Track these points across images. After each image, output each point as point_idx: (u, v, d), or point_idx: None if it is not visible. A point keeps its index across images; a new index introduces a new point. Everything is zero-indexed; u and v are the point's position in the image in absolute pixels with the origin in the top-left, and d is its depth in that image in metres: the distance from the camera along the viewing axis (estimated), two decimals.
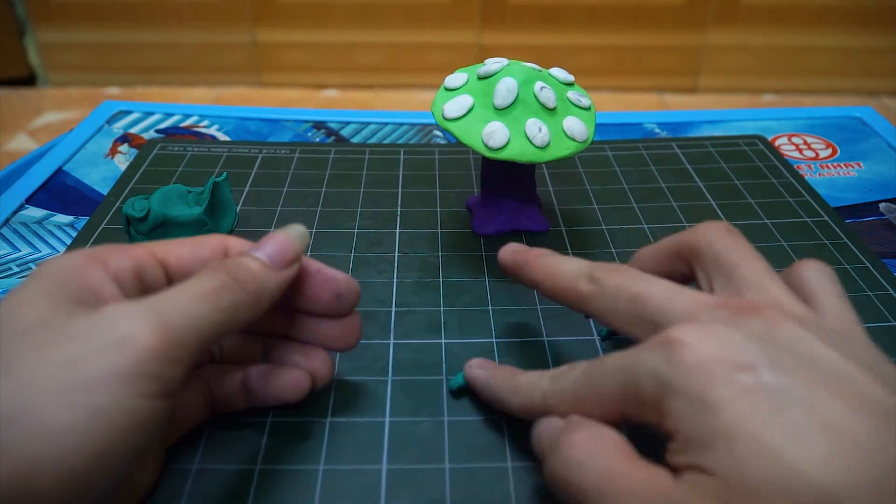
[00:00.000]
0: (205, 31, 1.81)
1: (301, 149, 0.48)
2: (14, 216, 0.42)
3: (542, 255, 0.27)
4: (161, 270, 0.23)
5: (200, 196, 0.36)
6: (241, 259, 0.23)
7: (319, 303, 0.26)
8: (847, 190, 0.45)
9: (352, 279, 0.26)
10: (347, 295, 0.26)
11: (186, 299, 0.21)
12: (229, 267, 0.22)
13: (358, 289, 0.26)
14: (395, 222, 0.40)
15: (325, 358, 0.27)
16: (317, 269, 0.26)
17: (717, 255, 0.23)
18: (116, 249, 0.23)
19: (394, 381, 0.29)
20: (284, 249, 0.24)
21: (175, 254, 0.24)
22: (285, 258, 0.24)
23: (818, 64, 1.82)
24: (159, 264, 0.23)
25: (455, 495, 0.24)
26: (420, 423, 0.27)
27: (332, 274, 0.26)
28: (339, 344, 0.27)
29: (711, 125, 0.53)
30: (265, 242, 0.24)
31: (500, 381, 0.26)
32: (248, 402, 0.26)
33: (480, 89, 0.33)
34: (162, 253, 0.24)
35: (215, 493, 0.24)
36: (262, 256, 0.24)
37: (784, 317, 0.20)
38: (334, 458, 0.26)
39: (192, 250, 0.24)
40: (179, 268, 0.24)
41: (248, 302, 0.22)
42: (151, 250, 0.23)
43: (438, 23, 1.78)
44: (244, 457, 0.26)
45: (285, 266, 0.24)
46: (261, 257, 0.24)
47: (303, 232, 0.25)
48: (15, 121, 1.70)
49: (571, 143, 0.33)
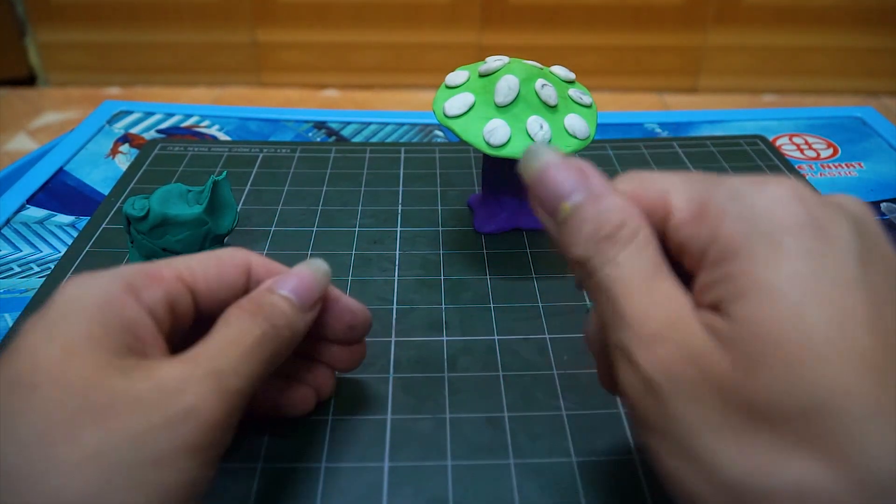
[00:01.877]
0: (205, 31, 1.81)
1: (302, 148, 0.48)
2: (15, 216, 0.42)
3: None
4: (190, 298, 0.22)
5: (200, 195, 0.36)
6: (274, 300, 0.22)
7: (334, 331, 0.26)
8: (848, 190, 0.45)
9: (366, 310, 0.26)
10: (362, 326, 0.26)
11: (237, 357, 0.20)
12: (267, 312, 0.22)
13: (370, 320, 0.27)
14: (395, 221, 0.40)
15: (329, 375, 0.27)
16: (335, 298, 0.26)
17: None
18: (146, 276, 0.21)
19: (395, 379, 0.29)
20: (311, 290, 0.24)
21: (203, 278, 0.23)
22: (312, 298, 0.24)
23: (818, 64, 1.82)
24: (189, 291, 0.22)
25: (457, 492, 0.24)
26: (422, 420, 0.27)
27: (350, 304, 0.26)
28: (342, 366, 0.27)
29: (712, 125, 0.53)
30: (291, 278, 0.23)
31: None
32: (253, 413, 0.26)
33: (481, 87, 0.33)
34: (190, 278, 0.22)
35: (217, 492, 0.24)
36: (292, 297, 0.23)
37: (872, 215, 0.18)
38: (336, 456, 0.26)
39: (218, 273, 0.23)
40: (208, 293, 0.23)
41: (284, 347, 0.22)
42: (179, 274, 0.22)
43: (438, 23, 1.78)
44: (245, 455, 0.26)
45: (312, 307, 0.24)
46: (291, 297, 0.23)
47: (326, 269, 0.25)
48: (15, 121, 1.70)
49: (573, 140, 0.33)
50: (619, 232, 0.19)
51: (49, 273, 0.36)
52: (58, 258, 0.38)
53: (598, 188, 0.19)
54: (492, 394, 0.28)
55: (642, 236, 0.19)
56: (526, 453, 0.26)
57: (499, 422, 0.27)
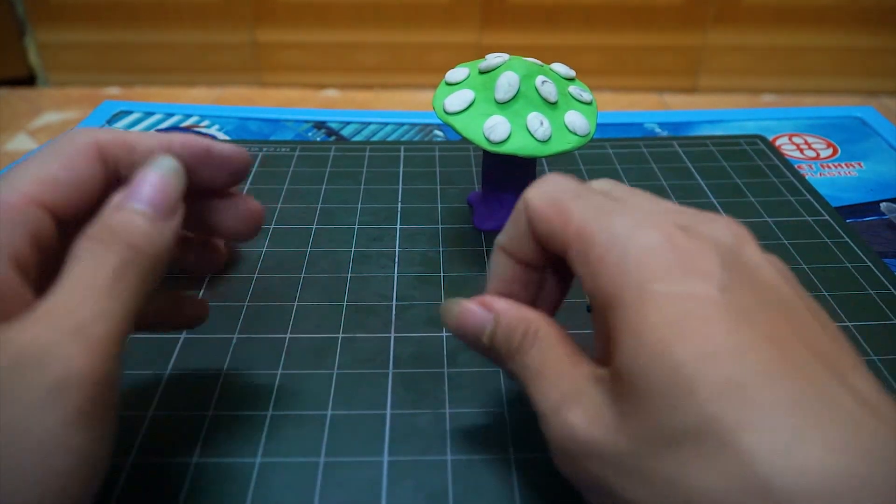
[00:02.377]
0: (205, 31, 1.81)
1: (301, 147, 0.48)
2: None
3: None
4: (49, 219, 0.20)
5: None
6: (126, 217, 0.20)
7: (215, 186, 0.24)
8: (848, 189, 0.45)
9: (243, 150, 0.24)
10: (244, 168, 0.24)
11: (98, 299, 0.18)
12: (121, 235, 0.19)
13: (249, 158, 0.24)
14: (395, 218, 0.40)
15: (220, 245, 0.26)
16: (205, 152, 0.23)
17: None
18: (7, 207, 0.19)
19: (395, 374, 0.29)
20: (167, 193, 0.21)
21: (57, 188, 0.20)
22: (171, 203, 0.21)
23: (818, 64, 1.82)
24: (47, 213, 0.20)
25: (457, 487, 0.24)
26: (421, 415, 0.27)
27: (224, 152, 0.23)
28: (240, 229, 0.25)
29: (712, 125, 0.53)
30: (140, 186, 0.20)
31: None
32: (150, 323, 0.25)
33: (482, 84, 0.34)
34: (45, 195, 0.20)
35: (215, 486, 0.24)
36: (146, 209, 0.20)
37: (751, 238, 0.20)
38: (335, 451, 0.26)
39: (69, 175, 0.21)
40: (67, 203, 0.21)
41: (153, 267, 0.20)
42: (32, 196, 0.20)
43: (438, 23, 1.78)
44: (244, 450, 0.26)
45: (173, 213, 0.21)
46: (146, 210, 0.20)
47: (175, 166, 0.22)
48: (15, 121, 1.70)
49: (573, 137, 0.33)
50: (524, 340, 0.22)
51: None
52: None
53: (501, 310, 0.23)
54: (491, 389, 0.29)
55: (541, 333, 0.22)
56: (525, 448, 0.26)
57: (498, 417, 0.27)
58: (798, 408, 0.16)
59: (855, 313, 0.33)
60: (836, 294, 0.34)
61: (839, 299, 0.34)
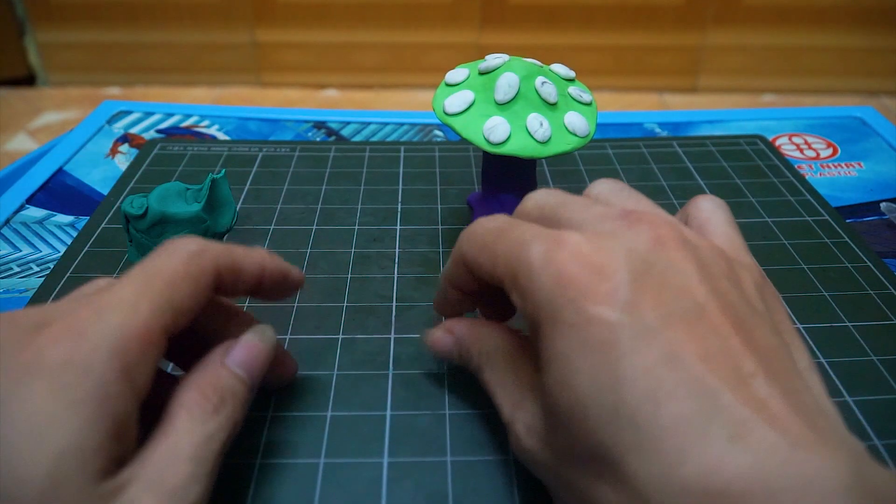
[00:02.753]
0: (205, 31, 1.81)
1: (301, 147, 0.48)
2: (14, 216, 0.42)
3: None
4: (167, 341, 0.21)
5: (199, 193, 0.36)
6: (230, 384, 0.22)
7: None
8: (848, 190, 0.45)
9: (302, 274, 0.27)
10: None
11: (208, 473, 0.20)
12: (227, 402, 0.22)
13: (304, 279, 0.27)
14: (395, 219, 0.40)
15: None
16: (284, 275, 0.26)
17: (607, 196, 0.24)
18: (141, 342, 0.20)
19: (394, 375, 0.29)
20: (262, 365, 0.24)
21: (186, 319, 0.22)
22: (260, 374, 0.24)
23: (818, 64, 1.82)
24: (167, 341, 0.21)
25: (457, 488, 0.24)
26: (421, 416, 0.27)
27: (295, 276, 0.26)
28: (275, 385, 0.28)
29: (711, 125, 0.53)
30: (240, 352, 0.23)
31: None
32: None
33: (481, 85, 0.34)
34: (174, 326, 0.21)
35: (216, 487, 0.24)
36: (244, 375, 0.23)
37: (672, 238, 0.20)
38: (335, 452, 0.26)
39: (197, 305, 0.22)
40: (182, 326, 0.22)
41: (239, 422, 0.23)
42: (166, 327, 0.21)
43: (438, 23, 1.78)
44: (245, 451, 0.26)
45: (258, 379, 0.24)
46: (243, 376, 0.23)
47: (274, 340, 0.25)
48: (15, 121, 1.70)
49: (573, 138, 0.33)
50: (480, 358, 0.25)
51: (48, 273, 0.36)
52: (57, 258, 0.38)
53: (459, 334, 0.26)
54: None
55: (493, 349, 0.25)
56: None
57: (498, 418, 0.27)
58: (681, 428, 0.16)
59: (855, 313, 0.33)
60: (835, 294, 0.34)
61: (839, 299, 0.34)
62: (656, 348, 0.18)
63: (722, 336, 0.18)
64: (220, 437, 0.21)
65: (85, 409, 0.18)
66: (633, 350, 0.18)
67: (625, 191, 0.24)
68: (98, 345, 0.19)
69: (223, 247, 0.23)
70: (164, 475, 0.19)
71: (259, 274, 0.24)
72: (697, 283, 0.19)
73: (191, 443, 0.20)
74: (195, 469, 0.20)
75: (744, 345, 0.18)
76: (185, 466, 0.19)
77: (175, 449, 0.20)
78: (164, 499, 0.19)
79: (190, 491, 0.19)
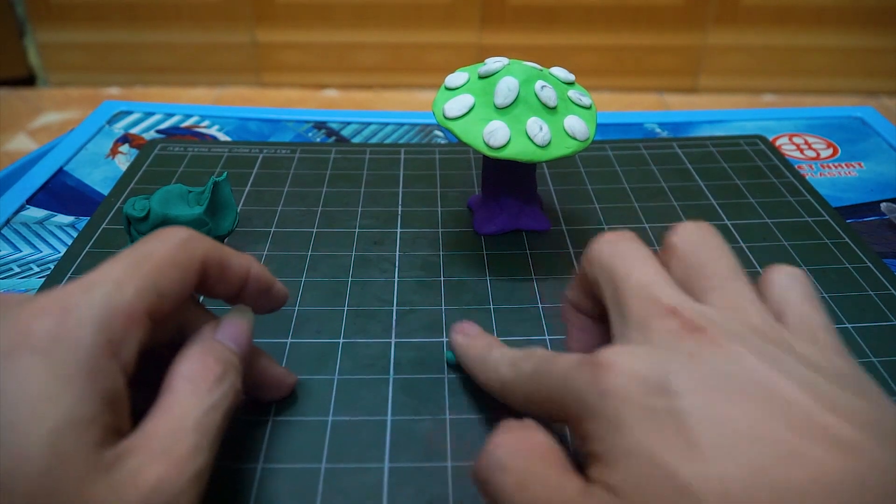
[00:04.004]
0: (205, 31, 1.81)
1: (302, 149, 0.48)
2: (15, 216, 0.42)
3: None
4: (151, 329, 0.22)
5: (201, 196, 0.36)
6: (228, 357, 0.23)
7: None
8: (848, 190, 0.45)
9: (286, 290, 0.27)
10: (282, 305, 0.27)
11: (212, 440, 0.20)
12: (230, 374, 0.22)
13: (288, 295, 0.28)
14: (396, 222, 0.40)
15: None
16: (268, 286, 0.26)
17: (688, 254, 0.22)
18: (125, 320, 0.20)
19: (395, 380, 0.29)
20: (249, 339, 0.25)
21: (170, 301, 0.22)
22: (247, 347, 0.25)
23: (818, 64, 1.82)
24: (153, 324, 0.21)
25: (457, 493, 0.24)
26: (422, 421, 0.27)
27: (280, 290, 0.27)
28: None
29: (712, 125, 0.53)
30: (228, 328, 0.24)
31: (474, 352, 0.27)
32: None
33: (481, 88, 0.33)
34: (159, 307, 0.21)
35: (216, 492, 0.24)
36: (236, 348, 0.24)
37: (727, 336, 0.19)
38: (336, 457, 0.26)
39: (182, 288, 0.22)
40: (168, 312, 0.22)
41: (240, 392, 0.23)
42: (150, 308, 0.21)
43: (438, 23, 1.78)
44: (246, 456, 0.26)
45: (247, 354, 0.25)
46: (236, 349, 0.24)
47: (253, 317, 0.25)
48: (15, 121, 1.70)
49: (572, 141, 0.33)
50: None
51: (49, 273, 0.36)
52: (58, 258, 0.38)
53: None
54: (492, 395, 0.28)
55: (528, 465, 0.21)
56: None
57: (499, 423, 0.27)
58: None
59: (855, 314, 0.33)
60: (836, 295, 0.34)
61: (839, 300, 0.34)
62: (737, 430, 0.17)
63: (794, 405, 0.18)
64: (223, 406, 0.21)
65: (76, 382, 0.18)
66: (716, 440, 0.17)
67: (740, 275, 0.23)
68: (83, 320, 0.19)
69: (213, 241, 0.24)
70: (170, 445, 0.19)
71: (244, 276, 0.25)
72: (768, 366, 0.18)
73: (195, 413, 0.20)
74: (199, 439, 0.20)
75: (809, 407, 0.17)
76: (190, 436, 0.20)
77: (179, 419, 0.20)
78: (170, 468, 0.19)
79: (195, 460, 0.19)
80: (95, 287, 0.20)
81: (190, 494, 0.19)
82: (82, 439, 0.18)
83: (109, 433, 0.19)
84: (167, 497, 0.18)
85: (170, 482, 0.19)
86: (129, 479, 0.18)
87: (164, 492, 0.18)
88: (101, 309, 0.20)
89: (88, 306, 0.19)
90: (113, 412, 0.19)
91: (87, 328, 0.19)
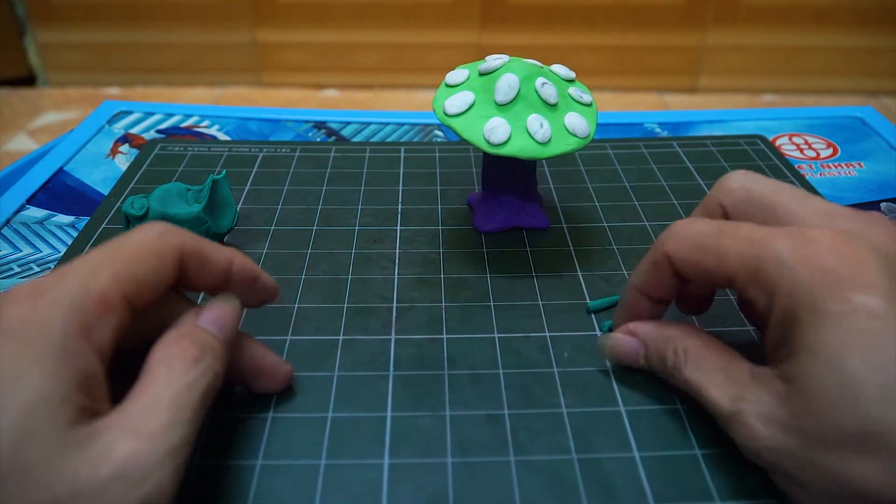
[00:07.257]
0: (205, 31, 1.81)
1: (301, 147, 0.48)
2: (15, 216, 0.42)
3: None
4: (130, 316, 0.22)
5: (200, 194, 0.36)
6: (209, 339, 0.23)
7: None
8: (848, 190, 0.45)
9: (277, 285, 0.27)
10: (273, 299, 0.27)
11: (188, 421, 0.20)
12: (208, 355, 0.22)
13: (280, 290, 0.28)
14: (395, 220, 0.40)
15: None
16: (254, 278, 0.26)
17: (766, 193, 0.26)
18: (97, 304, 0.20)
19: (395, 377, 0.29)
20: (233, 325, 0.25)
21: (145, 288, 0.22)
22: (232, 330, 0.25)
23: (818, 64, 1.82)
24: (131, 311, 0.22)
25: (457, 489, 0.24)
26: (421, 417, 0.27)
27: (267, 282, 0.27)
28: None
29: (712, 125, 0.53)
30: (210, 311, 0.24)
31: None
32: None
33: (482, 85, 0.34)
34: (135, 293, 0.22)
35: (216, 489, 0.24)
36: (217, 332, 0.24)
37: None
38: (336, 453, 0.26)
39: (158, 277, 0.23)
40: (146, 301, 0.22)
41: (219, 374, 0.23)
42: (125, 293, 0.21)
43: (438, 23, 1.78)
44: (245, 453, 0.26)
45: (231, 337, 0.25)
46: (217, 333, 0.24)
47: (239, 304, 0.26)
48: (15, 121, 1.70)
49: (573, 139, 0.33)
50: (676, 359, 0.26)
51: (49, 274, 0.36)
52: (58, 258, 0.38)
53: (646, 336, 0.28)
54: (492, 391, 0.29)
55: (688, 347, 0.26)
56: (526, 451, 0.26)
57: (499, 419, 0.27)
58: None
59: None
60: None
61: None
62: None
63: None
64: (201, 384, 0.21)
65: (47, 363, 0.18)
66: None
67: (786, 185, 0.26)
68: (56, 303, 0.20)
69: (192, 234, 0.24)
70: (143, 421, 0.19)
71: (227, 267, 0.25)
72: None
73: (171, 391, 0.21)
74: (175, 415, 0.20)
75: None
76: (164, 413, 0.20)
77: (155, 398, 0.20)
78: (142, 442, 0.19)
79: (171, 435, 0.20)
80: (70, 274, 0.21)
81: (165, 470, 0.19)
82: (52, 417, 0.18)
83: (84, 413, 0.19)
84: (140, 471, 0.18)
85: (143, 456, 0.19)
86: (101, 454, 0.18)
87: (137, 465, 0.18)
88: (74, 293, 0.20)
89: (62, 291, 0.20)
90: (86, 393, 0.19)
91: (59, 311, 0.19)
